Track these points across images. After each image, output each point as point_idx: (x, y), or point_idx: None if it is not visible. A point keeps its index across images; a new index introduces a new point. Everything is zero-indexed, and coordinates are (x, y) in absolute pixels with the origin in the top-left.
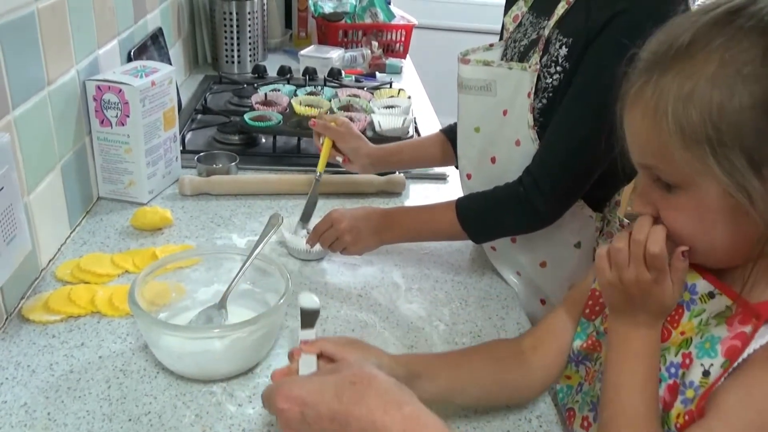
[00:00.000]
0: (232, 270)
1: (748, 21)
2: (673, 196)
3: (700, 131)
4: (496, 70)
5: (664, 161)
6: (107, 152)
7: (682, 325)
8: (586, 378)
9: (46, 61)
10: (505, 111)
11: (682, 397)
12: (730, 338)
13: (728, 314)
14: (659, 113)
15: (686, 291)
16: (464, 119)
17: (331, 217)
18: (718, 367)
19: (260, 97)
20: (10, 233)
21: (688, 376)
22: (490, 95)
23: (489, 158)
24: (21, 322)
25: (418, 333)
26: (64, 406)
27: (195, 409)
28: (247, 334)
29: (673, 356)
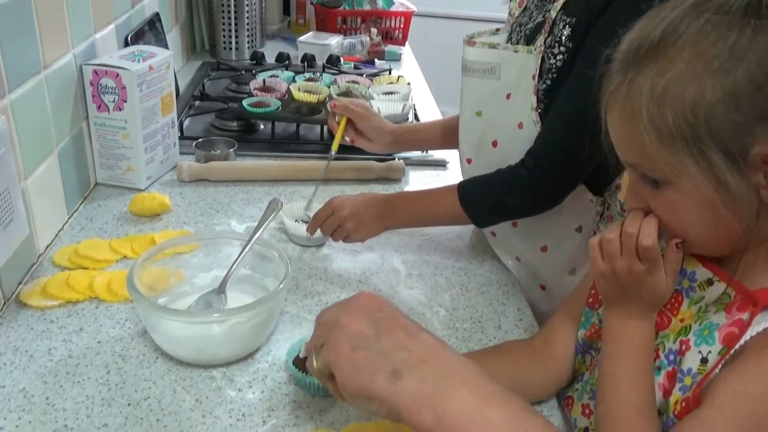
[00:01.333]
0: (231, 255)
1: (715, 14)
2: (660, 192)
3: (675, 130)
4: (501, 53)
5: (645, 160)
6: (104, 137)
7: (681, 313)
8: (589, 367)
9: (42, 44)
10: (508, 94)
11: (680, 384)
12: (727, 325)
13: (727, 301)
14: (635, 114)
15: (685, 278)
16: (466, 103)
17: (332, 204)
18: (716, 354)
19: (259, 83)
20: (7, 217)
21: (685, 363)
22: (494, 78)
23: (490, 142)
24: (19, 308)
25: (419, 318)
26: (63, 391)
27: (195, 394)
28: (247, 319)
29: (672, 343)
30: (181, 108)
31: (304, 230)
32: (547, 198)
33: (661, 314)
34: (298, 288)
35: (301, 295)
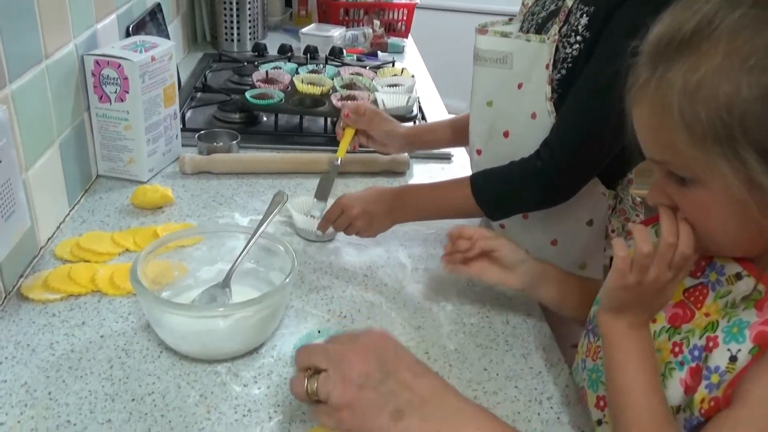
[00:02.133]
0: (235, 249)
1: (752, 7)
2: (688, 189)
3: (708, 128)
4: (513, 42)
5: (674, 157)
6: (106, 129)
7: (706, 306)
8: (588, 353)
9: (43, 33)
10: (520, 84)
11: (707, 381)
12: (759, 323)
13: (757, 297)
14: (665, 110)
15: (713, 271)
16: (477, 93)
17: (340, 203)
18: (746, 353)
19: (261, 75)
20: (9, 209)
21: (712, 361)
22: (506, 68)
23: (501, 133)
24: (20, 301)
25: (425, 314)
26: (66, 385)
27: (199, 389)
28: (252, 314)
29: (698, 339)
30: (183, 99)
31: (314, 225)
32: (562, 190)
33: (683, 306)
34: (303, 282)
35: (306, 290)
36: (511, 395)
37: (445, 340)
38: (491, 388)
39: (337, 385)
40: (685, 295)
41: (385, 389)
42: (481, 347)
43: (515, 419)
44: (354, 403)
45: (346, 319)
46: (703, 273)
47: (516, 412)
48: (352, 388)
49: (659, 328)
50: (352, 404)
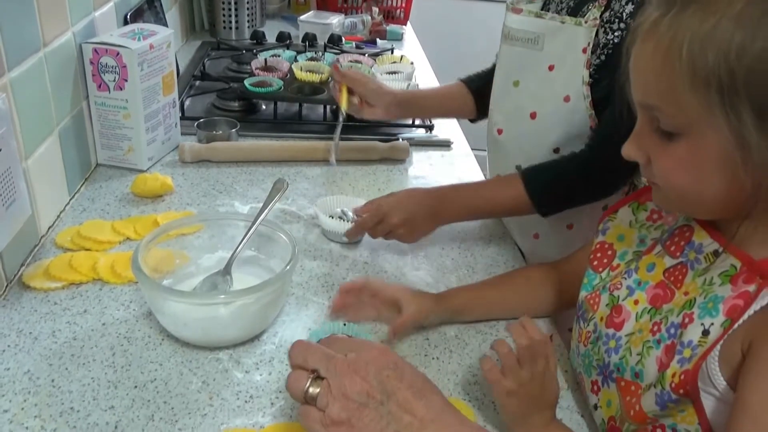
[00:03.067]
0: (236, 237)
1: None
2: (670, 144)
3: (713, 74)
4: (547, 23)
5: (668, 103)
6: (105, 117)
7: (685, 285)
8: (580, 338)
9: (41, 21)
10: (551, 66)
11: (679, 356)
12: (733, 297)
13: (732, 273)
14: (673, 50)
15: (692, 250)
16: (504, 72)
17: (380, 212)
18: (719, 326)
19: (260, 63)
20: (9, 197)
21: (686, 336)
22: (537, 49)
23: (528, 114)
24: (22, 289)
25: None
26: (68, 373)
27: (201, 375)
28: (253, 301)
29: (675, 317)
30: (182, 88)
31: (342, 227)
32: (617, 183)
33: (664, 286)
34: (304, 270)
35: (307, 277)
36: None
37: (445, 326)
38: None
39: (337, 398)
40: (665, 276)
41: (385, 411)
42: (481, 333)
43: None
44: (353, 422)
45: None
46: (682, 252)
47: None
48: (352, 405)
49: (641, 310)
50: (351, 422)
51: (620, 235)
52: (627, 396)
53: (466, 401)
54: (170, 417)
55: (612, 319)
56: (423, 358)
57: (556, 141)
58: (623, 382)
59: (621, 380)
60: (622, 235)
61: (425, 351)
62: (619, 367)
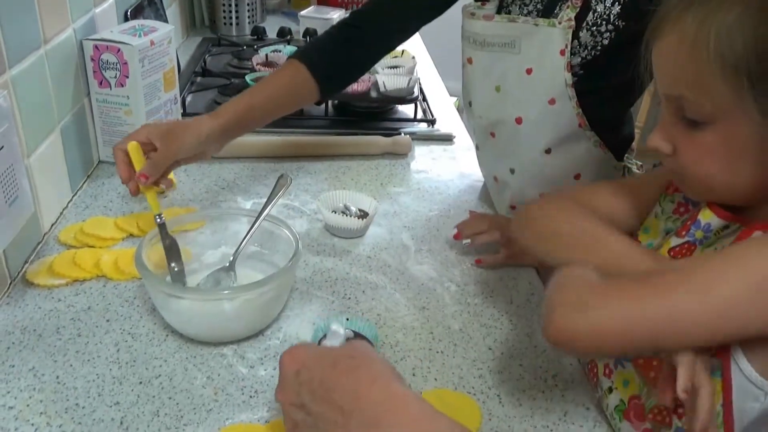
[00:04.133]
0: (239, 232)
1: None
2: (698, 133)
3: (742, 62)
4: (521, 27)
5: (696, 92)
6: (107, 114)
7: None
8: None
9: (42, 18)
10: (529, 69)
11: None
12: (733, 241)
13: (738, 232)
14: (700, 39)
15: (699, 229)
16: (483, 78)
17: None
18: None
19: (261, 59)
20: (12, 194)
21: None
22: (514, 52)
23: (513, 119)
24: (25, 287)
25: (430, 294)
26: (73, 369)
27: (206, 371)
28: (257, 296)
29: None
30: (183, 84)
31: (345, 223)
32: None
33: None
34: (307, 264)
35: (310, 272)
36: (516, 374)
37: (449, 320)
38: (496, 367)
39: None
40: (671, 254)
41: (312, 420)
42: (486, 327)
43: (520, 397)
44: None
45: (351, 300)
46: (688, 232)
47: (521, 390)
48: (289, 427)
49: None
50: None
51: (646, 228)
52: (650, 372)
53: (472, 395)
54: (175, 413)
55: None
56: (428, 352)
57: (547, 143)
58: (641, 360)
59: (638, 359)
60: (648, 228)
61: (429, 345)
62: None
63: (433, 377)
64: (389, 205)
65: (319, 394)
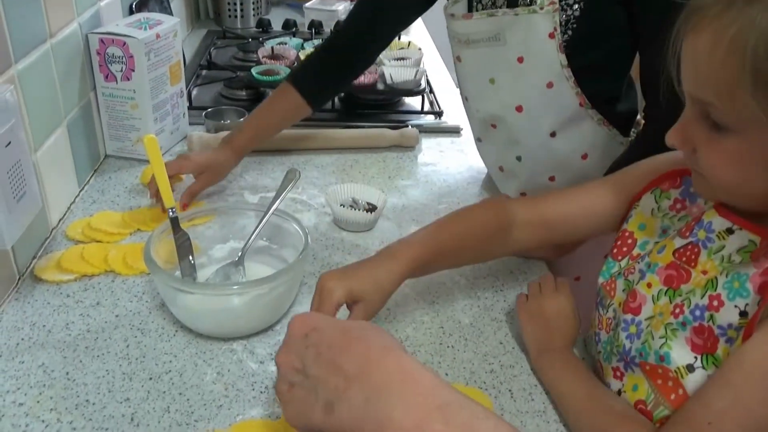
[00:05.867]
0: (246, 227)
1: None
2: (720, 138)
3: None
4: (502, 19)
5: (724, 100)
6: (113, 108)
7: (701, 264)
8: (600, 326)
9: (47, 12)
10: (520, 58)
11: (724, 338)
12: (759, 274)
13: (752, 248)
14: (736, 48)
15: (701, 229)
16: (475, 74)
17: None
18: (754, 305)
19: (267, 51)
20: (20, 190)
21: (722, 319)
22: (500, 44)
23: (514, 108)
24: (34, 282)
25: (440, 288)
26: (83, 365)
27: (216, 366)
28: (267, 291)
29: (699, 299)
30: (189, 77)
31: (354, 216)
32: None
33: (676, 267)
34: (316, 259)
35: (319, 266)
36: (527, 368)
37: (459, 314)
38: (507, 361)
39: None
40: (675, 256)
41: (310, 382)
42: (496, 321)
43: (532, 392)
44: (287, 407)
45: None
46: (691, 232)
47: (533, 384)
48: (283, 389)
49: (657, 292)
50: (286, 407)
51: (642, 224)
52: (657, 380)
53: (483, 390)
54: (186, 408)
55: (629, 305)
56: (438, 346)
57: (551, 126)
58: (648, 366)
59: (645, 365)
60: (644, 224)
61: (440, 339)
62: (641, 351)
63: (444, 372)
64: (397, 198)
65: (325, 356)
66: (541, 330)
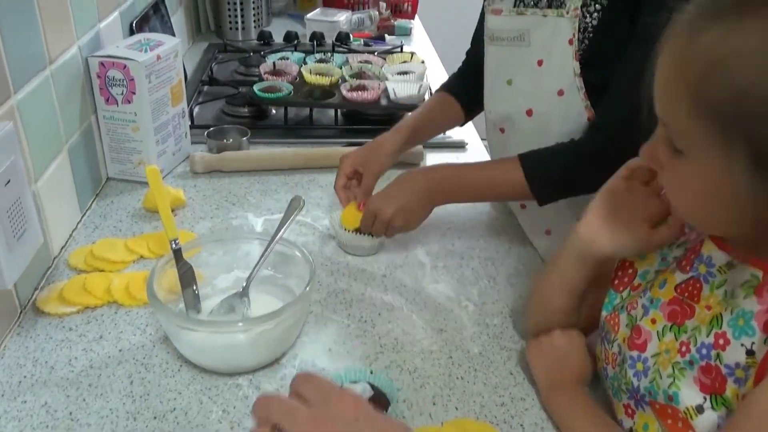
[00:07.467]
0: (251, 253)
1: None
2: (677, 161)
3: (714, 107)
4: (530, 19)
5: (672, 121)
6: (114, 131)
7: (704, 299)
8: (607, 361)
9: (46, 38)
10: (540, 61)
11: (732, 378)
12: (764, 312)
13: (755, 283)
14: (683, 72)
15: (702, 263)
16: (495, 73)
17: (371, 210)
18: (761, 343)
19: (269, 67)
20: (21, 228)
21: (729, 358)
22: (524, 45)
23: (524, 112)
24: (36, 315)
25: (447, 315)
26: (86, 404)
27: (221, 404)
28: (273, 326)
29: (704, 336)
30: (190, 94)
31: (359, 241)
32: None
33: (679, 302)
34: (321, 285)
35: (325, 293)
36: (539, 401)
37: (468, 343)
38: (518, 393)
39: None
40: (677, 291)
41: None
42: (506, 350)
43: (544, 426)
44: None
45: (367, 323)
46: (692, 267)
47: (544, 419)
48: None
49: (662, 328)
50: None
51: (642, 254)
52: (668, 419)
53: (494, 424)
54: None
55: (633, 341)
56: (447, 378)
57: (558, 136)
58: (657, 405)
59: (655, 404)
60: (643, 254)
61: (449, 371)
62: (650, 390)
63: (454, 406)
64: None
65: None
66: (552, 366)
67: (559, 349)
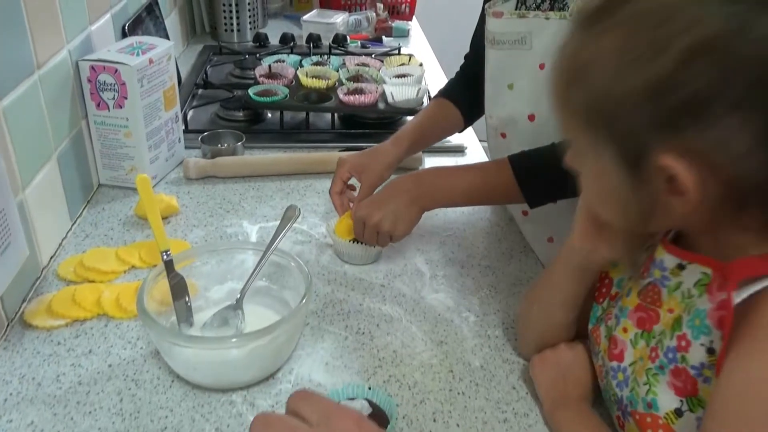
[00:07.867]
0: (245, 262)
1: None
2: (581, 165)
3: (579, 108)
4: (531, 22)
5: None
6: (106, 137)
7: (665, 303)
8: (599, 375)
9: (34, 41)
10: (541, 65)
11: (702, 378)
12: (714, 309)
13: (707, 281)
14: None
15: (656, 268)
16: (495, 77)
17: (357, 216)
18: (718, 340)
19: (264, 70)
20: (4, 242)
21: (693, 359)
22: (525, 48)
23: (526, 116)
24: (23, 329)
25: (448, 326)
26: (74, 423)
27: (214, 422)
28: (268, 342)
29: (669, 340)
30: (184, 98)
31: (357, 250)
32: None
33: (645, 309)
34: (318, 296)
35: (321, 304)
36: (542, 417)
37: (469, 355)
38: (521, 409)
39: None
40: (640, 297)
41: None
42: (508, 362)
43: None
44: None
45: (365, 335)
46: (648, 272)
47: None
48: None
49: (633, 336)
50: None
51: (614, 262)
52: (647, 429)
53: None
54: None
55: (612, 352)
56: (448, 393)
57: (558, 140)
58: (637, 415)
59: (635, 413)
60: (616, 261)
61: (450, 385)
62: (631, 400)
63: (455, 422)
64: None
65: None
66: (556, 380)
67: (565, 363)
